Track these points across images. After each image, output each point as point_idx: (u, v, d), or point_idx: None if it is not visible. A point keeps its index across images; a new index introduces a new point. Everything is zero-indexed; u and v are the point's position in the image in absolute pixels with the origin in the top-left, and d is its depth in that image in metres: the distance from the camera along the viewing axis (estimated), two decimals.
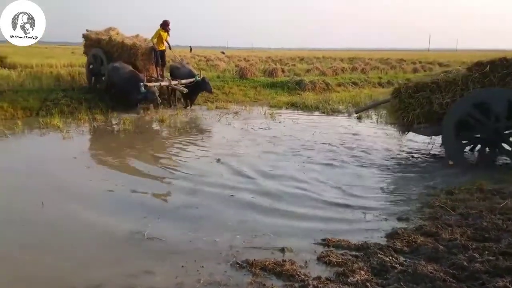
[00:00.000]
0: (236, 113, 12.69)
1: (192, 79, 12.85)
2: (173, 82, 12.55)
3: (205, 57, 33.76)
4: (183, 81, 12.71)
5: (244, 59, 34.84)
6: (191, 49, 14.85)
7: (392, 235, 4.32)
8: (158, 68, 13.22)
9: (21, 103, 11.61)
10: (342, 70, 24.27)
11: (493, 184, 5.77)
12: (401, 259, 3.76)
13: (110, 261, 3.91)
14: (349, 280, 3.38)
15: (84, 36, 14.54)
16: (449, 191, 5.63)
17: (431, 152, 8.15)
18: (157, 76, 13.02)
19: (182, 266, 3.74)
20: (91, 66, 14.05)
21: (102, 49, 13.52)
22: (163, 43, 13.04)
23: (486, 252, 3.69)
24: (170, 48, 13.85)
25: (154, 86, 11.59)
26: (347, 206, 5.28)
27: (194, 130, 10.10)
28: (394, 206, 5.29)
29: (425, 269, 3.34)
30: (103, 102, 12.44)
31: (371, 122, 11.58)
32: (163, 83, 12.43)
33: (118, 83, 11.93)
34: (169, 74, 13.90)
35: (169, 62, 14.57)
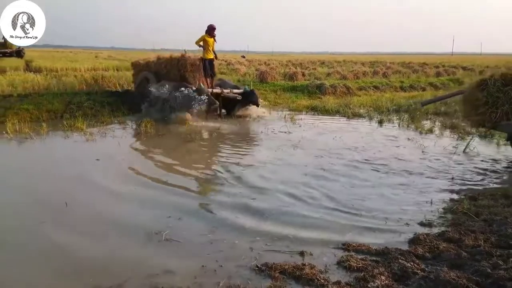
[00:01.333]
0: (256, 116, 12.71)
1: (241, 90, 12.50)
2: (225, 90, 12.17)
3: (225, 61, 34.06)
4: (235, 90, 12.42)
5: (265, 63, 35.01)
6: None
7: (413, 240, 4.27)
8: (208, 80, 12.44)
9: (46, 106, 11.91)
10: (363, 74, 24.06)
11: None
12: (423, 265, 3.70)
13: (131, 260, 3.96)
14: (369, 286, 3.36)
15: (132, 64, 14.64)
16: (472, 197, 5.54)
17: (454, 157, 8.00)
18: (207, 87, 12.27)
19: (202, 266, 3.78)
20: (138, 85, 13.49)
21: (150, 71, 13.13)
22: (210, 51, 12.15)
23: (511, 259, 3.60)
24: (216, 58, 12.74)
25: (201, 84, 11.44)
26: (367, 210, 5.23)
27: (214, 133, 10.17)
28: (416, 211, 5.21)
29: (448, 275, 3.28)
30: (125, 105, 12.64)
31: (392, 126, 11.45)
32: (215, 90, 11.93)
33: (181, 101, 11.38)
34: None
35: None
